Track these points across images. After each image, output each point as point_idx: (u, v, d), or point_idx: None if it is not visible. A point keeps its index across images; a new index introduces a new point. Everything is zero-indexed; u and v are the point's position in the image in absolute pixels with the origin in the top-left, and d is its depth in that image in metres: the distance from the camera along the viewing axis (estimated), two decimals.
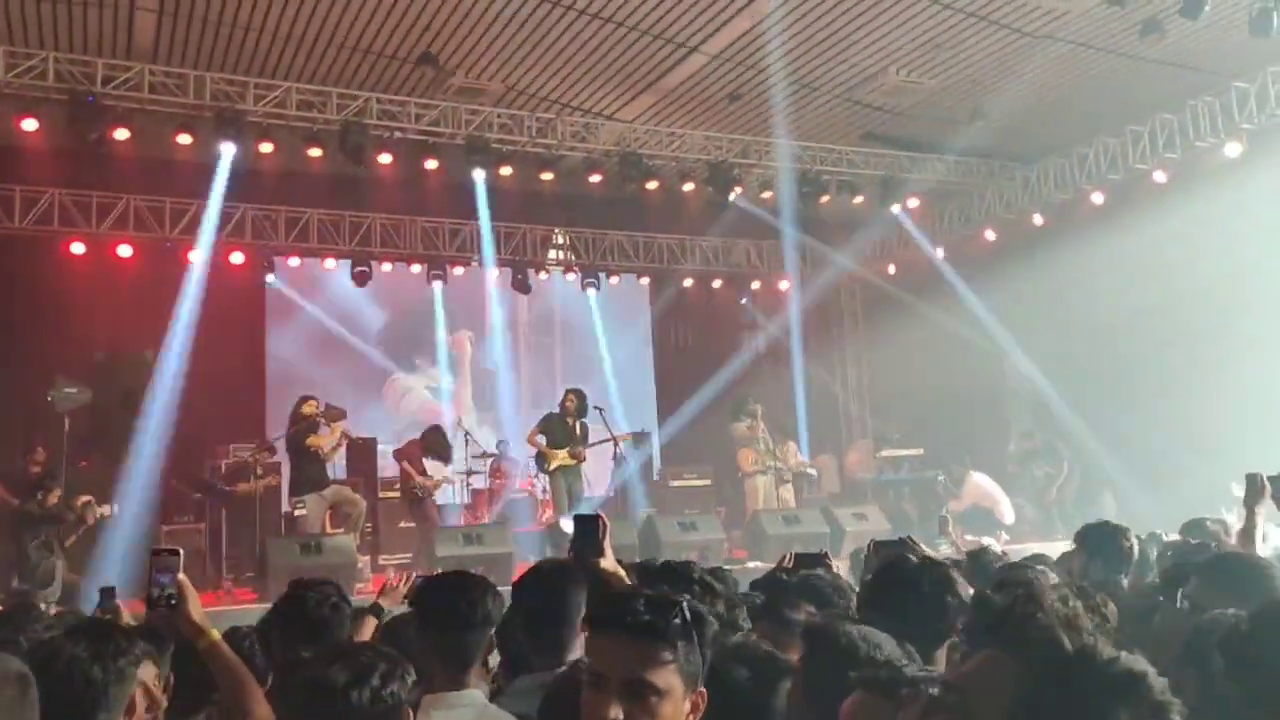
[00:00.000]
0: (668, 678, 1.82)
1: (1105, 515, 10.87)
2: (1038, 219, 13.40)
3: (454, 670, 2.62)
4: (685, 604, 1.89)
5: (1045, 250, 12.76)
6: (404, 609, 3.81)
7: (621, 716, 1.79)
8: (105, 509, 8.40)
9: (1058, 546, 6.88)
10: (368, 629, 3.91)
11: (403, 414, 14.66)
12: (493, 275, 14.73)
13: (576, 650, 2.76)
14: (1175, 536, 5.24)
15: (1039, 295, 12.64)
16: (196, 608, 2.73)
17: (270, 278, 13.48)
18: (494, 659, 3.40)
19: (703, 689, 1.90)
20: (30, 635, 3.16)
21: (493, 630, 2.79)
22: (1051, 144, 12.91)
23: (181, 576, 2.73)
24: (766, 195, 13.29)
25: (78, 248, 12.33)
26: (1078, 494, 12.24)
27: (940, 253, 14.61)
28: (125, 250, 12.49)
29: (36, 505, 8.37)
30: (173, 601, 2.71)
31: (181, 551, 2.79)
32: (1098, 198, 12.59)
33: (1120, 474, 11.75)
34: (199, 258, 12.27)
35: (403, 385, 14.89)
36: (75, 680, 2.32)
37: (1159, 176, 11.84)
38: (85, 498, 8.46)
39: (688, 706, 1.86)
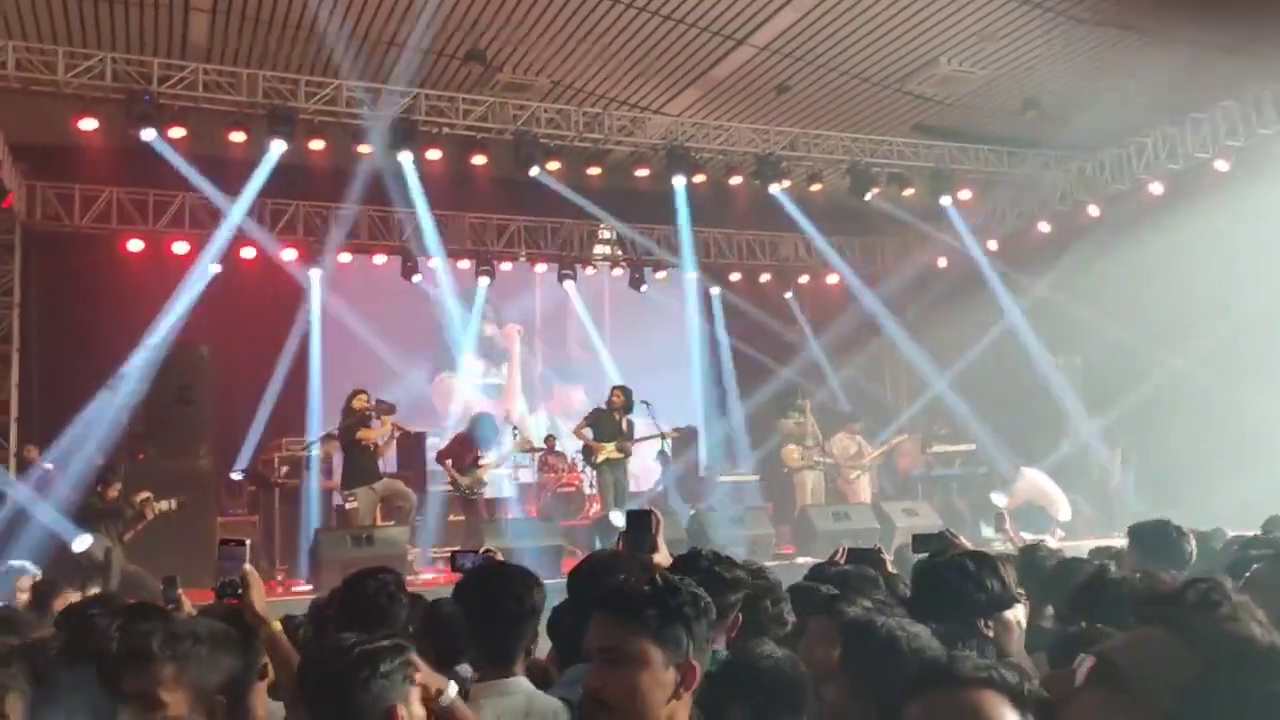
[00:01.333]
0: (640, 645, 1.94)
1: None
2: (1093, 210, 13.14)
3: (502, 661, 2.68)
4: (658, 577, 2.05)
5: (1101, 242, 12.52)
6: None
7: (602, 684, 1.94)
8: (164, 503, 8.52)
9: (1118, 544, 6.73)
10: None
11: (452, 413, 14.75)
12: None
13: None
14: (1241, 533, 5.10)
15: (1094, 288, 12.40)
16: (260, 599, 2.82)
17: (321, 272, 13.63)
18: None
19: (694, 660, 1.99)
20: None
21: (537, 621, 2.83)
22: (1108, 133, 12.66)
23: (247, 566, 2.83)
24: (815, 188, 13.18)
25: (135, 244, 12.58)
26: (1137, 487, 11.96)
27: (993, 245, 14.39)
28: (181, 247, 12.72)
29: (97, 498, 8.52)
30: (238, 591, 2.80)
31: (249, 542, 2.90)
32: (1156, 188, 12.32)
33: (1165, 474, 11.49)
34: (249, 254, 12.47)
35: (450, 384, 14.98)
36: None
37: (1221, 165, 11.56)
38: (144, 493, 8.59)
39: (673, 676, 1.96)
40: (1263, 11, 9.36)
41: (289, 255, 13.29)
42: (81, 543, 7.96)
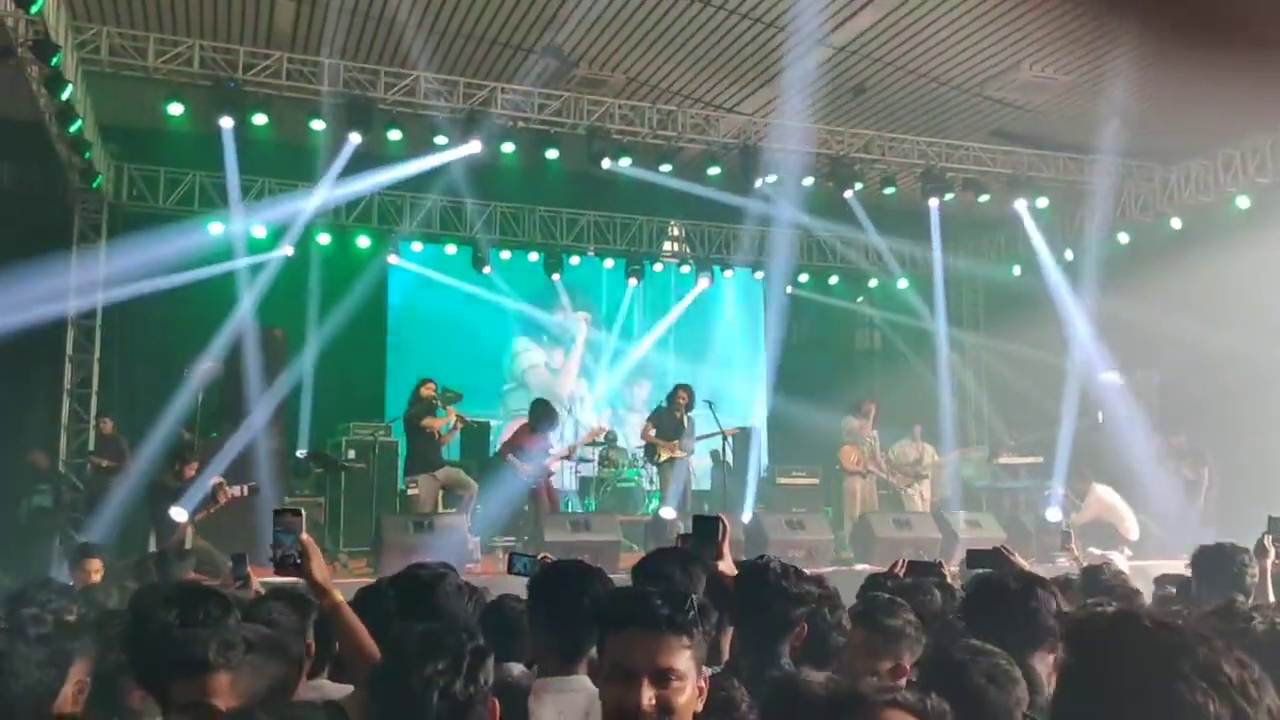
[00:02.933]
0: (686, 663, 2.05)
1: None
2: (1176, 223, 12.79)
3: (567, 659, 2.69)
4: (694, 598, 2.11)
5: (1182, 256, 12.17)
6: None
7: (655, 701, 2.00)
8: (237, 489, 8.63)
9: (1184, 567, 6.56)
10: None
11: (515, 372, 15.08)
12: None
13: None
14: None
15: (1174, 302, 12.07)
16: (320, 568, 2.83)
17: (394, 260, 13.85)
18: None
19: (705, 670, 2.13)
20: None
21: None
22: (1194, 144, 12.30)
23: (305, 536, 2.82)
24: (889, 191, 13.02)
25: (216, 227, 12.89)
26: (1220, 508, 11.60)
27: (1069, 255, 14.09)
28: (260, 231, 13.00)
29: (172, 477, 8.68)
30: (297, 561, 2.80)
31: (304, 512, 2.88)
32: (1243, 202, 11.94)
33: (1247, 494, 11.14)
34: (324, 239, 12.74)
35: (522, 345, 15.25)
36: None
37: None
38: (217, 479, 8.71)
39: (699, 690, 2.09)
40: None
41: (363, 242, 13.53)
42: (180, 513, 8.14)
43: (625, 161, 11.86)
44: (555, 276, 14.80)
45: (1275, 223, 11.13)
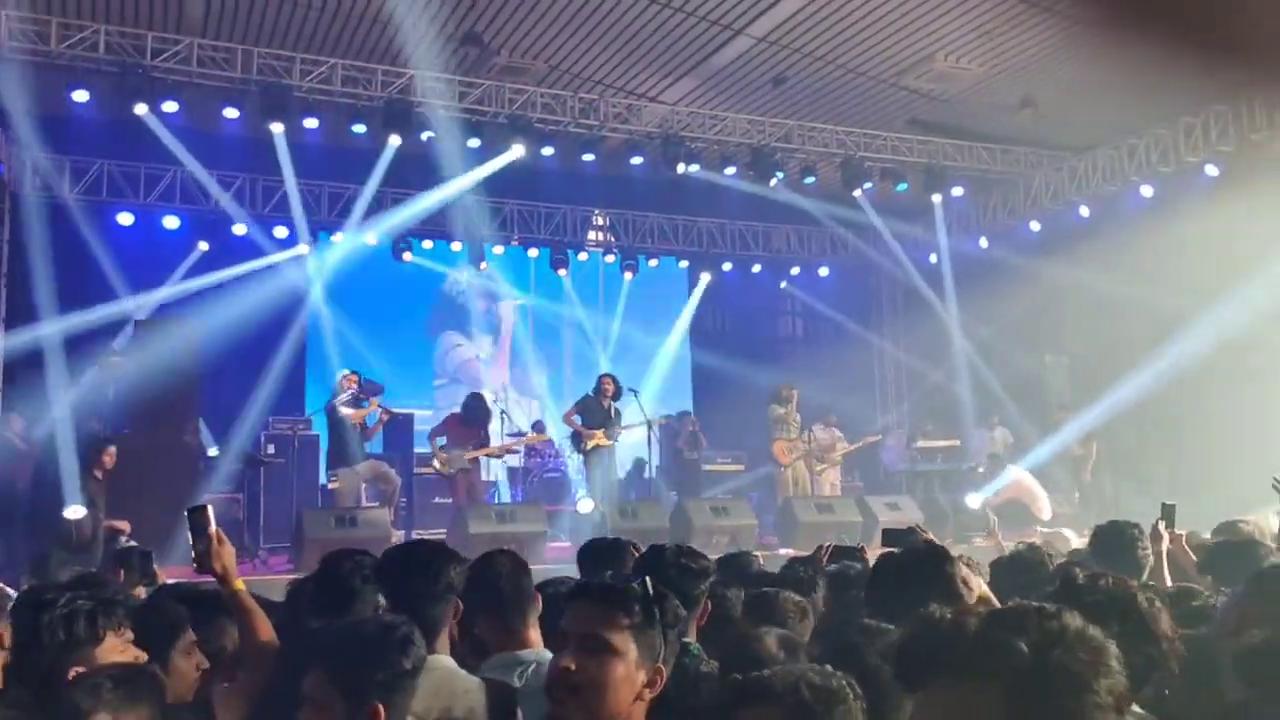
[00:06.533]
0: (622, 639, 2.00)
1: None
2: (1084, 210, 13.18)
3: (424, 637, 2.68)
4: (648, 580, 2.09)
5: (1090, 243, 12.56)
6: None
7: (574, 667, 1.99)
8: (107, 523, 8.24)
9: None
10: None
11: (447, 368, 15.04)
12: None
13: (534, 632, 2.89)
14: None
15: (1081, 288, 12.45)
16: (225, 557, 2.88)
17: (310, 250, 13.58)
18: None
19: (662, 666, 2.05)
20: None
21: (456, 597, 2.85)
22: (1101, 134, 12.69)
23: (212, 530, 2.88)
24: (809, 181, 13.19)
25: (125, 218, 12.52)
26: (1119, 486, 12.06)
27: (984, 242, 14.43)
28: (172, 222, 12.67)
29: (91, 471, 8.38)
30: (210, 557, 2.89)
31: (210, 506, 2.95)
32: (1147, 190, 12.36)
33: (1151, 474, 11.61)
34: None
35: (453, 340, 15.17)
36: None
37: (1211, 170, 11.61)
38: (119, 523, 8.33)
39: (643, 677, 2.02)
40: (1253, 20, 9.39)
41: (281, 233, 13.24)
42: (75, 511, 7.88)
43: (548, 150, 11.82)
44: (483, 265, 14.68)
45: (1177, 211, 11.54)
